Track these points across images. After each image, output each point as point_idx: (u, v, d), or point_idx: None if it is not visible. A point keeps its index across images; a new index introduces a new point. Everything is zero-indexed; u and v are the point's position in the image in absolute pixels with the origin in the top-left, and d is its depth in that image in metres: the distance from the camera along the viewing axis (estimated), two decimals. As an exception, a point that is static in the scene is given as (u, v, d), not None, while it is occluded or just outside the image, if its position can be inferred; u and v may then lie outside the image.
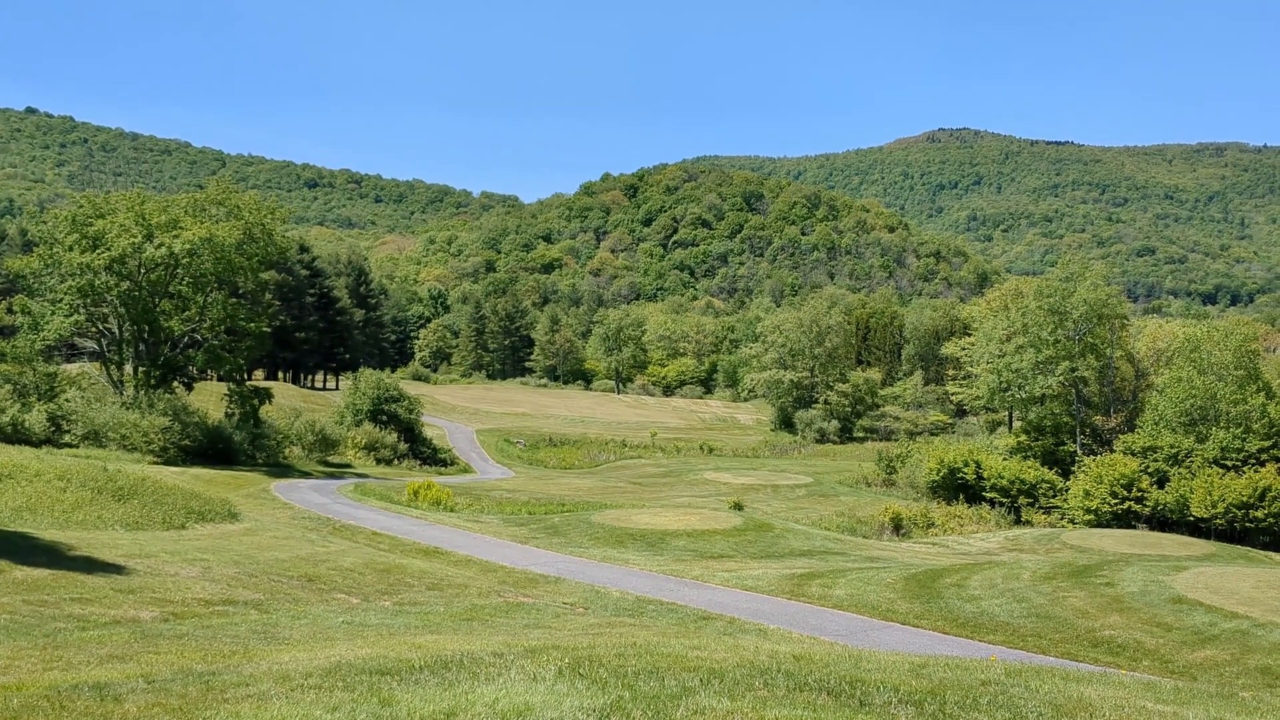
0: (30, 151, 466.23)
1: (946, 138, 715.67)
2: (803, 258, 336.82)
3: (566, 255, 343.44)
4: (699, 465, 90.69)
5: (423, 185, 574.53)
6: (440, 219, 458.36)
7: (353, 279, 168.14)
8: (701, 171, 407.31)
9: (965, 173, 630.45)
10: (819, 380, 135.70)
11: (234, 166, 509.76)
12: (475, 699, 7.55)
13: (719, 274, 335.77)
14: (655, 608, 23.36)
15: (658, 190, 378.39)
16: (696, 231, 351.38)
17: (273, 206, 73.81)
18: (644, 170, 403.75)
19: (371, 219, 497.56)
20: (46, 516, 29.10)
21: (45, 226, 69.68)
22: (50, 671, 10.70)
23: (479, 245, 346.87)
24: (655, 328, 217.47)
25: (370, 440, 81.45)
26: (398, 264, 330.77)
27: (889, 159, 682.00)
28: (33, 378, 60.45)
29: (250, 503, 41.93)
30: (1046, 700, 8.34)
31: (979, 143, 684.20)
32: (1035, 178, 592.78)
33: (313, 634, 15.13)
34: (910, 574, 29.04)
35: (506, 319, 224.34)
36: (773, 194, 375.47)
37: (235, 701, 7.85)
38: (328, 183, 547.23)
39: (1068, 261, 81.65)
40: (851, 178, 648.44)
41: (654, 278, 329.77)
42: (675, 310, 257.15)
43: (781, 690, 8.21)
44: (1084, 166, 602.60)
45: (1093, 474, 60.71)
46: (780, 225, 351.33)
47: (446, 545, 33.00)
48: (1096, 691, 8.86)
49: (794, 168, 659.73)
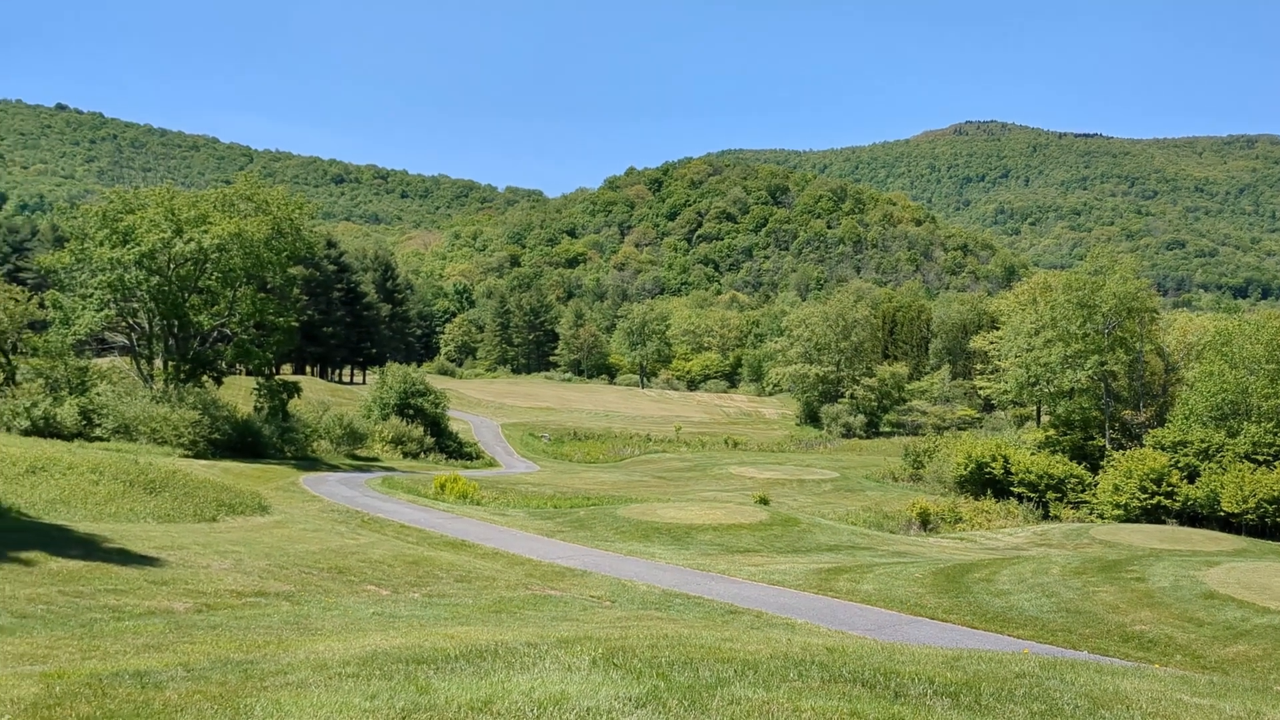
0: (61, 148, 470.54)
1: (974, 130, 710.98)
2: (828, 251, 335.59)
3: (591, 250, 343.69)
4: (724, 459, 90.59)
5: (448, 180, 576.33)
6: (465, 214, 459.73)
7: (379, 274, 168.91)
8: (726, 165, 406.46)
9: (993, 165, 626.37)
10: (845, 374, 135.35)
11: (261, 162, 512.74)
12: (511, 688, 7.61)
13: (744, 268, 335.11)
14: (682, 601, 23.39)
15: (682, 184, 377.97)
16: (721, 225, 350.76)
17: (300, 202, 74.14)
18: (668, 164, 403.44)
19: (398, 214, 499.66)
20: (80, 509, 29.41)
21: (76, 222, 70.25)
22: (89, 660, 10.86)
23: (504, 240, 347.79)
24: (679, 322, 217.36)
25: (397, 434, 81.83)
26: (423, 259, 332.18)
27: (915, 152, 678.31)
28: (64, 372, 60.98)
29: (280, 496, 42.22)
30: (1082, 693, 8.32)
31: (1006, 135, 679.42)
32: (1063, 170, 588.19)
33: (345, 625, 15.26)
34: (938, 569, 28.95)
35: (531, 313, 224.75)
36: (798, 187, 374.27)
37: (274, 689, 7.94)
38: (354, 178, 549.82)
39: (1097, 254, 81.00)
40: (878, 171, 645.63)
41: (678, 272, 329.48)
42: (700, 305, 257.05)
43: (816, 681, 8.22)
44: (1113, 159, 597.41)
45: (1122, 469, 60.26)
46: (806, 219, 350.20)
47: (474, 538, 33.14)
48: (1132, 685, 8.83)
49: (820, 161, 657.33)
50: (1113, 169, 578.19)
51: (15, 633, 13.42)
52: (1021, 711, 7.55)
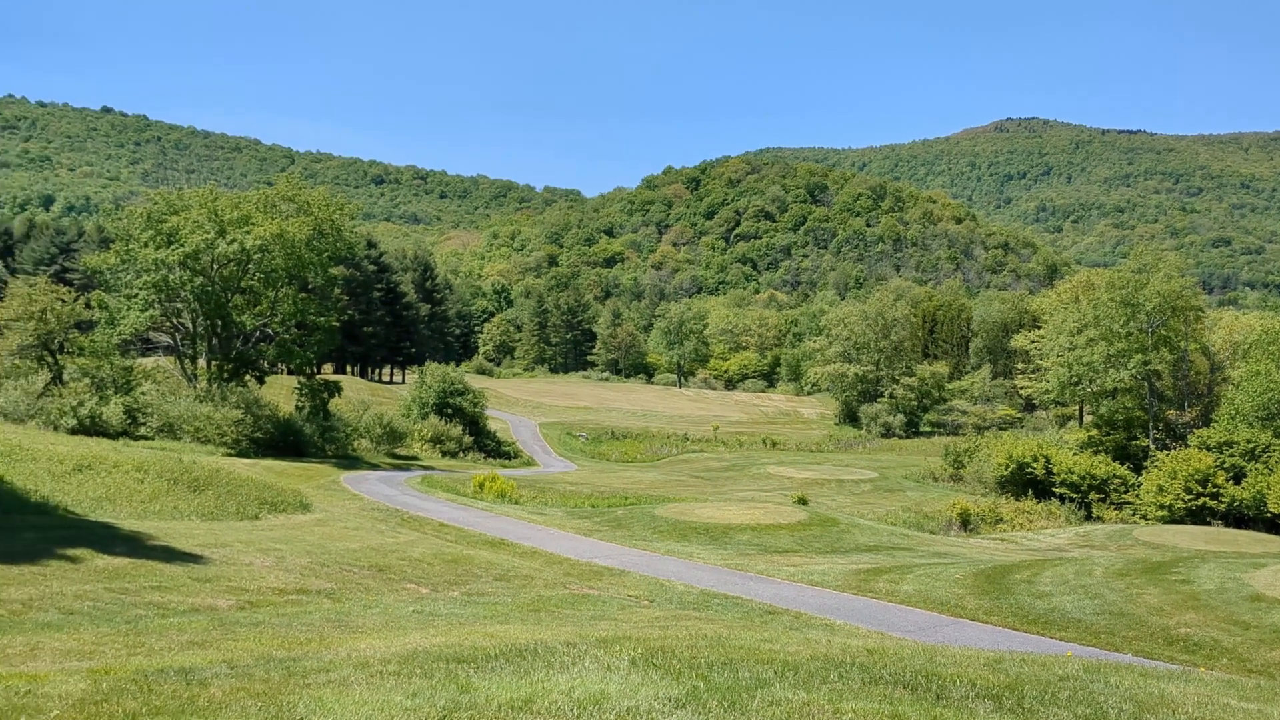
0: (106, 150, 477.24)
1: (1015, 127, 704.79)
2: (867, 250, 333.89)
3: (628, 249, 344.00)
4: (762, 459, 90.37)
5: (486, 181, 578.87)
6: (504, 214, 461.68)
7: (418, 274, 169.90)
8: (765, 164, 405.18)
9: (1034, 163, 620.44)
10: (884, 374, 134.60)
11: (303, 163, 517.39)
12: (551, 687, 7.64)
13: (782, 267, 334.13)
14: (720, 601, 23.34)
15: (720, 183, 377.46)
16: (759, 224, 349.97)
17: (341, 203, 74.71)
18: (706, 163, 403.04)
19: (437, 215, 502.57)
20: (125, 506, 29.80)
21: (121, 223, 71.17)
22: (135, 656, 11.00)
23: (542, 240, 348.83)
24: (717, 321, 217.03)
25: (436, 433, 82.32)
26: (462, 259, 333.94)
27: (956, 149, 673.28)
28: (110, 371, 61.78)
29: (320, 494, 42.58)
30: (1127, 696, 8.23)
31: (1048, 132, 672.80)
32: (1106, 167, 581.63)
33: (385, 623, 15.36)
34: (979, 570, 28.71)
35: (569, 313, 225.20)
36: (837, 186, 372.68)
37: (317, 687, 8.01)
38: (394, 179, 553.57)
39: (1140, 252, 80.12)
40: (917, 169, 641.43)
41: (716, 271, 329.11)
42: (737, 304, 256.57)
43: (856, 683, 8.18)
44: (1157, 156, 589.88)
45: (1166, 469, 59.53)
46: (845, 217, 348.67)
47: (512, 537, 33.25)
48: (1177, 688, 8.72)
49: (859, 159, 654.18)
50: (1157, 165, 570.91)
51: (63, 629, 13.63)
52: (1066, 715, 7.48)
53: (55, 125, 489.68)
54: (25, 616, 14.76)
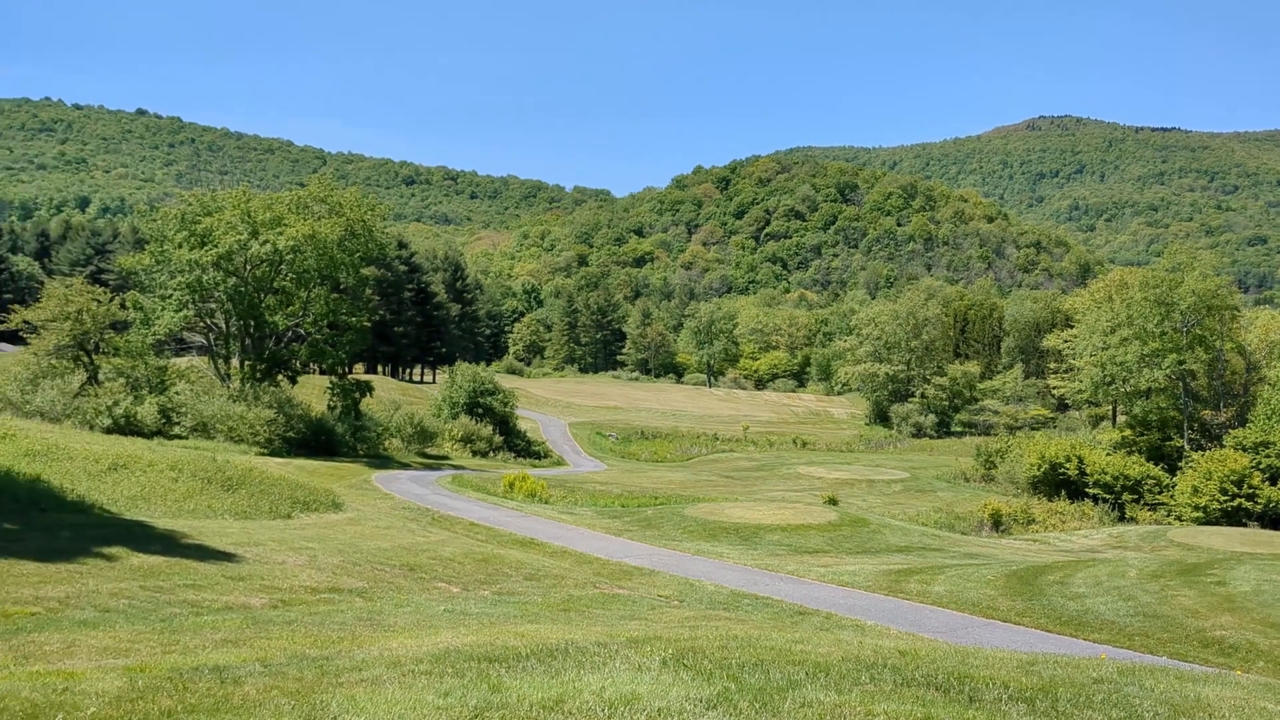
0: (140, 152, 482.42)
1: (1047, 125, 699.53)
2: (898, 249, 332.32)
3: (658, 249, 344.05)
4: (792, 459, 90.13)
5: (516, 181, 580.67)
6: (533, 214, 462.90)
7: (449, 274, 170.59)
8: (795, 163, 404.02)
9: (1067, 161, 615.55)
10: (915, 374, 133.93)
11: (334, 164, 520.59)
12: (582, 687, 7.64)
13: (812, 266, 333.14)
14: (750, 602, 23.29)
15: (750, 182, 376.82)
16: (789, 223, 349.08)
17: (372, 203, 75.06)
18: (736, 162, 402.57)
19: (467, 215, 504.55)
20: (160, 505, 30.08)
21: (155, 224, 71.82)
22: (170, 654, 11.10)
23: (571, 240, 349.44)
24: (747, 321, 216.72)
25: (466, 433, 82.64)
26: (492, 259, 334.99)
27: (987, 148, 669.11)
28: (144, 371, 62.40)
29: (352, 493, 42.82)
30: (1162, 699, 8.14)
31: (1081, 130, 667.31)
32: (1140, 165, 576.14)
33: (416, 621, 15.42)
34: (1011, 571, 28.51)
35: (598, 313, 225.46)
36: (868, 185, 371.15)
37: (350, 686, 8.05)
38: (424, 180, 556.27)
39: (1175, 251, 79.28)
40: (949, 167, 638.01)
41: (746, 270, 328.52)
42: (767, 303, 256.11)
43: (889, 685, 8.14)
44: (1191, 153, 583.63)
45: (1201, 470, 58.86)
46: (875, 216, 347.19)
47: (542, 536, 33.32)
48: (1214, 692, 8.61)
49: (889, 158, 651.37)
50: (1191, 163, 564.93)
51: (99, 626, 13.77)
52: (1100, 718, 7.41)
53: (91, 127, 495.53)
54: (62, 614, 14.92)
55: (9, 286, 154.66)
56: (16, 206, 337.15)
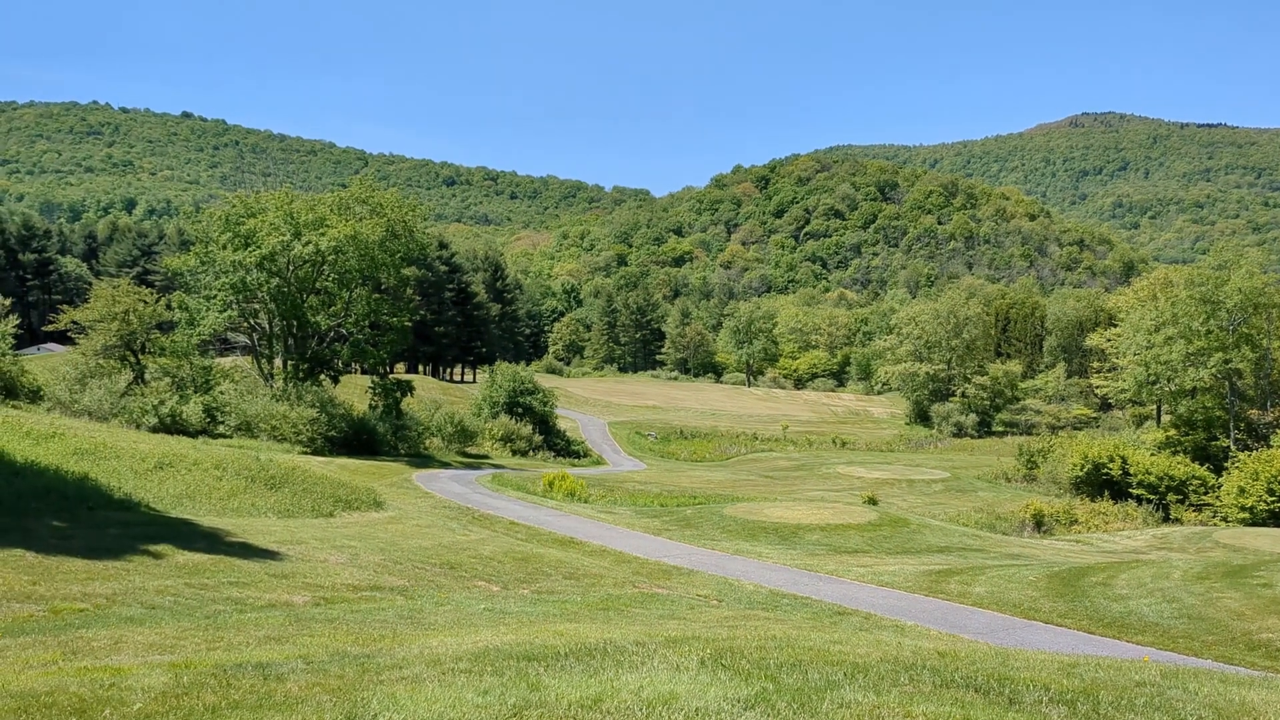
0: (185, 154, 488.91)
1: (1090, 122, 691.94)
2: (939, 248, 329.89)
3: (697, 248, 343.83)
4: (831, 459, 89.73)
5: (556, 181, 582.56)
6: (573, 214, 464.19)
7: (489, 274, 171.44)
8: (834, 161, 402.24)
9: (1110, 158, 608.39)
10: (956, 373, 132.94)
11: (376, 165, 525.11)
12: (620, 686, 7.67)
13: (852, 265, 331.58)
14: (789, 601, 23.23)
15: (789, 181, 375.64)
16: (829, 222, 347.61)
17: (413, 204, 75.58)
18: (775, 161, 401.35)
19: (507, 215, 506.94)
20: (204, 503, 30.45)
21: (200, 226, 72.79)
22: (214, 651, 11.24)
23: (610, 239, 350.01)
24: (786, 320, 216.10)
25: (506, 432, 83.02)
26: (532, 259, 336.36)
27: (1029, 145, 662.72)
28: (189, 371, 63.28)
29: (393, 492, 43.13)
30: (1206, 703, 8.04)
31: (1125, 127, 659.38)
32: (1185, 162, 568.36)
33: (456, 620, 15.52)
34: (1053, 572, 28.23)
35: (638, 312, 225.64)
36: (908, 183, 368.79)
37: (390, 684, 8.13)
38: (465, 180, 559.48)
39: (1221, 249, 78.24)
40: (990, 165, 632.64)
41: (785, 270, 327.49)
42: (807, 302, 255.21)
43: (928, 686, 8.11)
44: (1238, 149, 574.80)
45: (1248, 470, 57.92)
46: (916, 215, 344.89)
47: (581, 535, 33.40)
48: (1260, 696, 8.49)
49: (930, 156, 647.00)
50: (1238, 159, 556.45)
51: (145, 623, 13.97)
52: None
53: (137, 130, 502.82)
54: (109, 610, 15.15)
55: (58, 288, 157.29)
56: (65, 209, 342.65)
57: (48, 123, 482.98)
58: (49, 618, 14.27)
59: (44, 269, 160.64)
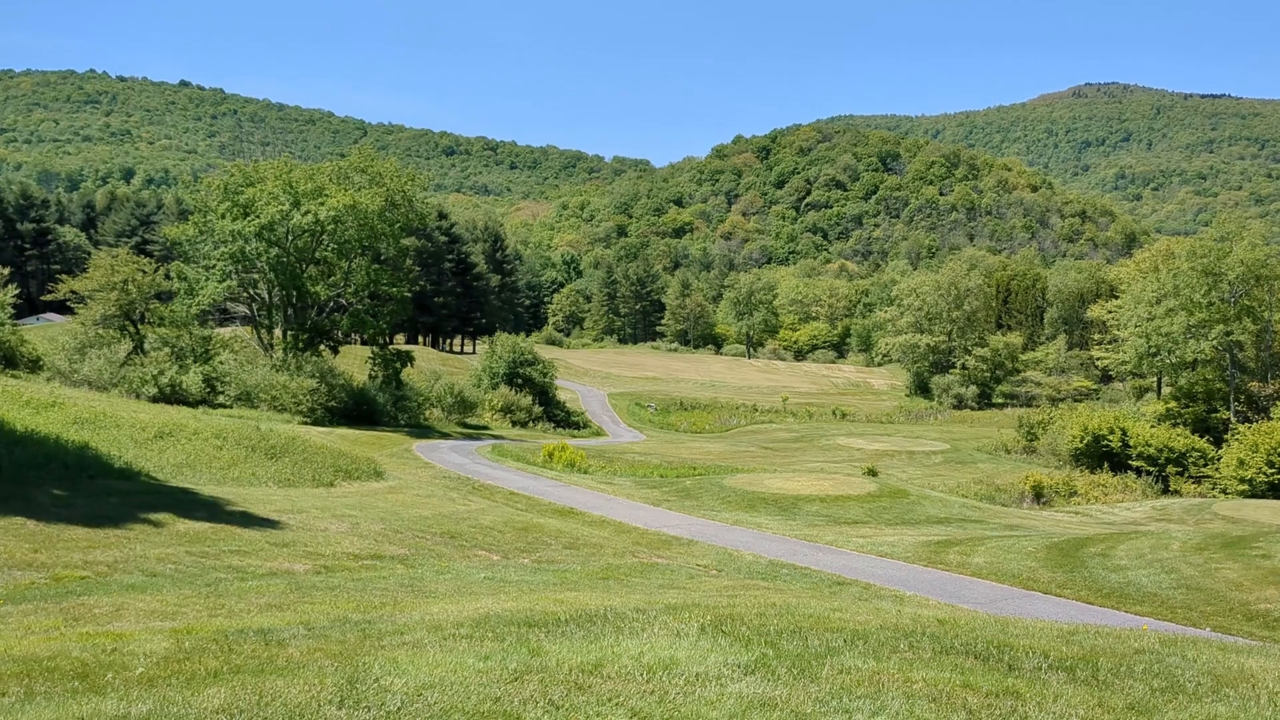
0: (184, 123, 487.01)
1: (1093, 93, 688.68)
2: (940, 219, 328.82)
3: (697, 219, 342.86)
4: (831, 430, 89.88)
5: (556, 151, 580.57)
6: (573, 184, 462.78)
7: (489, 245, 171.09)
8: (836, 132, 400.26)
9: (1113, 129, 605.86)
10: (957, 345, 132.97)
11: (375, 135, 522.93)
12: (621, 651, 7.69)
13: (853, 236, 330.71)
14: (788, 571, 23.30)
15: (790, 152, 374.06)
16: (830, 193, 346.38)
17: (412, 174, 75.32)
18: (776, 131, 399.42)
19: (507, 185, 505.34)
20: (205, 472, 30.52)
21: (199, 195, 72.54)
22: (216, 617, 11.29)
23: (611, 210, 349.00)
24: (787, 291, 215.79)
25: (506, 403, 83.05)
26: (532, 230, 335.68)
27: (1032, 116, 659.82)
28: (189, 341, 63.18)
29: (393, 462, 43.21)
30: (1205, 670, 8.07)
31: (1128, 97, 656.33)
32: (1188, 133, 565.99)
33: (457, 588, 15.58)
34: (1052, 543, 28.32)
35: (638, 283, 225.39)
36: (910, 154, 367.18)
37: (392, 649, 8.16)
38: (464, 150, 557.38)
39: (1223, 220, 78.07)
40: (992, 136, 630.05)
41: (786, 241, 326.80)
42: (807, 274, 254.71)
43: (927, 653, 8.13)
44: (1242, 121, 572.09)
45: (1248, 442, 58.00)
46: (917, 185, 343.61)
47: (581, 506, 33.49)
48: (1258, 663, 8.52)
49: (932, 126, 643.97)
50: (1241, 131, 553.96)
51: (146, 590, 14.02)
52: (1141, 688, 7.36)
53: (135, 99, 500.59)
54: (111, 578, 15.21)
55: (56, 257, 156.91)
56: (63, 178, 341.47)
57: (45, 91, 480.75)
58: (50, 585, 14.32)
59: (42, 238, 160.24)
